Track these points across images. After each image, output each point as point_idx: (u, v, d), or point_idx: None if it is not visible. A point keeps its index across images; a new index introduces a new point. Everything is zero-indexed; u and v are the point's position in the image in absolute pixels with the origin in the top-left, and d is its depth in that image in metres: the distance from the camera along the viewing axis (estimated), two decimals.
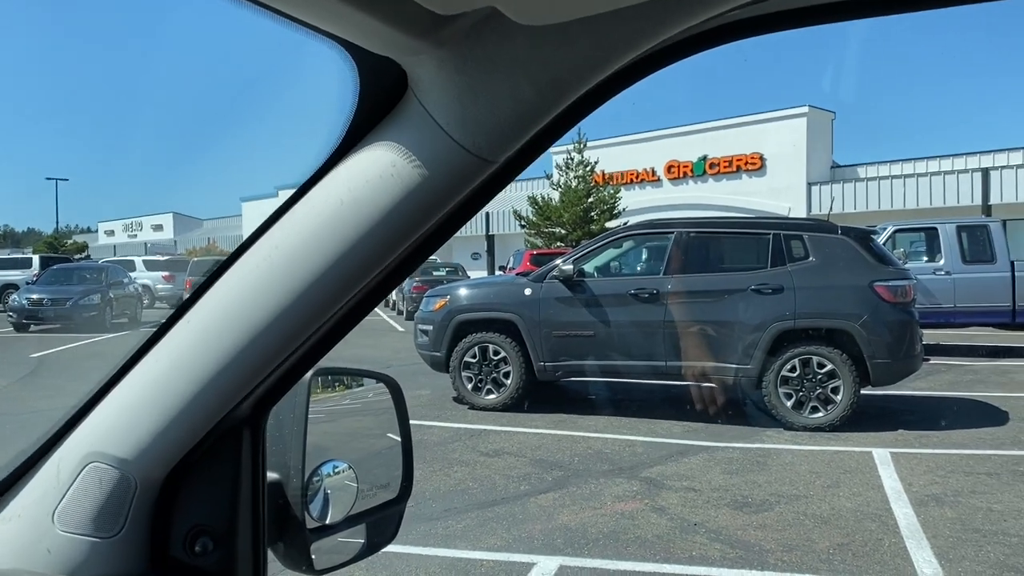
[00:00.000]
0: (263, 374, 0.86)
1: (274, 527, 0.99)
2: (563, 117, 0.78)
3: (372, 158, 0.77)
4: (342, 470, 1.10)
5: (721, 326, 7.59)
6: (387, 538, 1.16)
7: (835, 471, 6.08)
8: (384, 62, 0.73)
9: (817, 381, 7.35)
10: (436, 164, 0.75)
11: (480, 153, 0.75)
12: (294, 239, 0.80)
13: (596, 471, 6.13)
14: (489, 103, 0.73)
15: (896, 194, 31.21)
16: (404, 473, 1.16)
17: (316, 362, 0.93)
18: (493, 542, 4.62)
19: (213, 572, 0.91)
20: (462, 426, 7.68)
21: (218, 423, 0.89)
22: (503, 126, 0.74)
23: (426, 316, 8.76)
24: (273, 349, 0.84)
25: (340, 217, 0.78)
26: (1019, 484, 5.72)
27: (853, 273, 7.38)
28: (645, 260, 9.03)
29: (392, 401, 1.18)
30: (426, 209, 0.78)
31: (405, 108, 0.76)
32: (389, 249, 0.80)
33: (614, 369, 8.16)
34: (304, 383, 1.02)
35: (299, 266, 0.79)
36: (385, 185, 0.76)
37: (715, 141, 35.43)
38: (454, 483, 5.80)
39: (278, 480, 1.00)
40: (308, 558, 1.01)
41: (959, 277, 12.39)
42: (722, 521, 4.99)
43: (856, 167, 34.64)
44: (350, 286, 0.81)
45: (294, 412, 1.02)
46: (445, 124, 0.74)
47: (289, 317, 0.81)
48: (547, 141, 0.81)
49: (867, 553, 4.47)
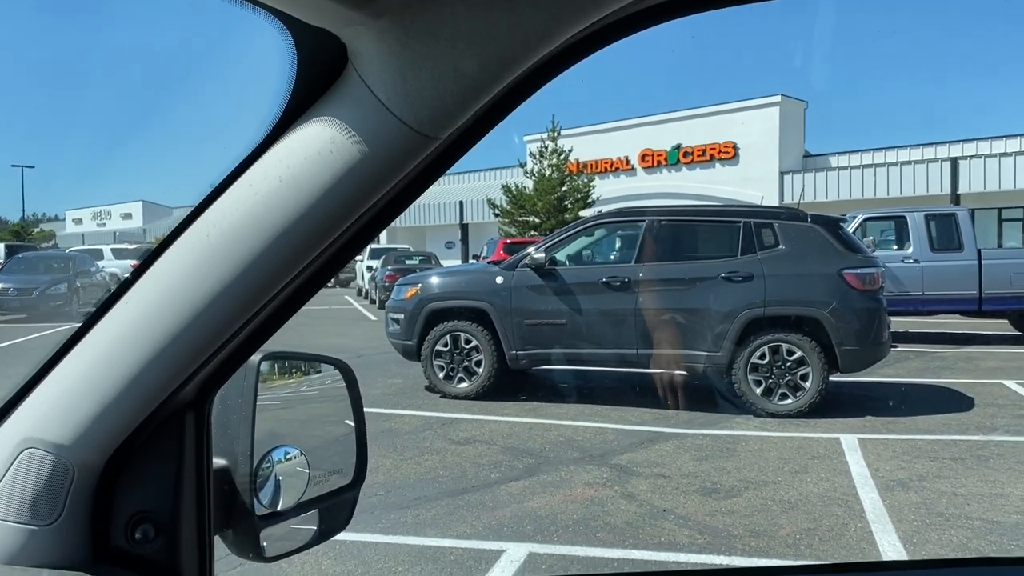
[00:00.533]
0: (204, 356, 0.84)
1: (222, 514, 0.97)
2: (510, 94, 0.76)
3: (311, 134, 0.74)
4: (293, 456, 1.08)
5: (691, 314, 7.63)
6: (340, 525, 1.15)
7: (803, 457, 6.14)
8: (322, 34, 0.71)
9: (786, 368, 7.41)
10: (377, 140, 0.73)
11: (423, 129, 0.72)
12: (232, 218, 0.77)
13: (567, 458, 6.14)
14: (432, 77, 0.70)
15: (867, 183, 31.56)
16: (358, 459, 1.14)
17: (261, 345, 0.91)
18: (463, 530, 4.61)
19: (156, 560, 0.89)
20: (434, 414, 7.66)
21: (159, 407, 0.86)
22: (446, 101, 0.71)
23: (397, 305, 8.72)
24: (213, 330, 0.81)
25: (278, 195, 0.75)
26: (983, 468, 5.81)
27: (822, 261, 7.45)
28: (616, 248, 9.05)
29: (345, 387, 1.16)
30: (368, 187, 0.75)
31: (345, 83, 0.74)
32: (330, 228, 0.77)
33: (586, 357, 8.18)
34: (252, 367, 1.00)
35: (237, 246, 0.77)
36: (324, 162, 0.74)
37: (689, 130, 35.59)
38: (425, 471, 5.79)
39: (226, 466, 0.98)
40: (257, 545, 0.99)
41: (927, 265, 12.54)
42: (691, 507, 5.02)
43: (828, 156, 34.98)
44: (291, 266, 0.79)
45: (242, 397, 1.00)
46: (386, 99, 0.71)
47: (229, 298, 0.79)
48: (494, 119, 0.79)
49: (833, 538, 4.52)
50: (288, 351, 1.16)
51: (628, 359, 7.98)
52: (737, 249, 7.67)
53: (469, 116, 0.74)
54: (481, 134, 0.80)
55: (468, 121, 0.76)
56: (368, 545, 4.37)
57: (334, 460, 1.15)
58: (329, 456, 1.16)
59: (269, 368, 1.21)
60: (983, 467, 5.85)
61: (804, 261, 7.47)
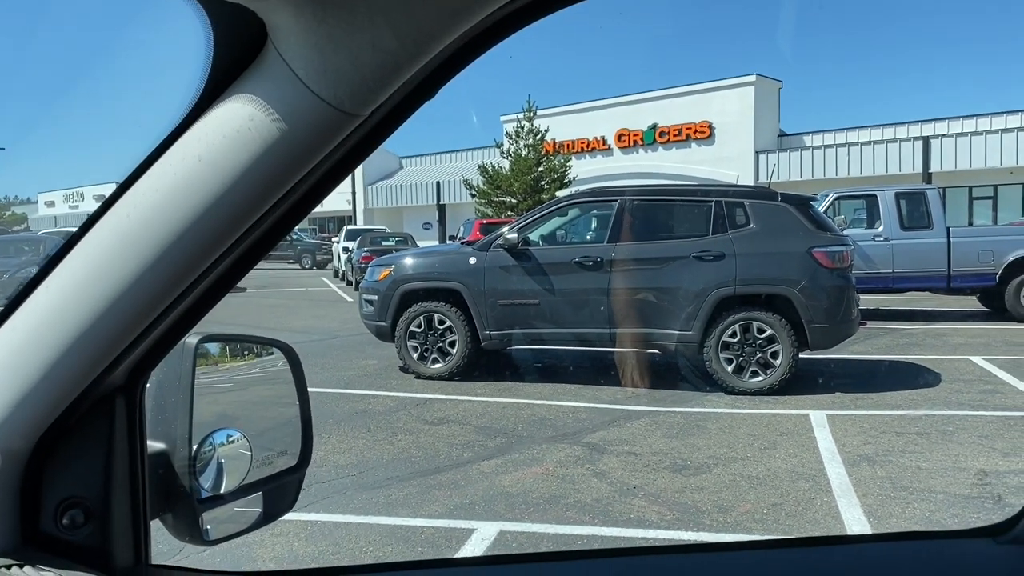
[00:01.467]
0: (130, 338, 0.83)
1: (161, 498, 0.97)
2: (436, 72, 0.76)
3: (229, 113, 0.74)
4: (236, 439, 1.08)
5: (664, 293, 7.67)
6: (285, 507, 1.15)
7: (772, 433, 6.21)
8: (239, 10, 0.70)
9: (757, 346, 7.48)
10: (296, 118, 0.72)
11: (343, 106, 0.72)
12: (152, 198, 0.77)
13: (539, 437, 6.18)
14: (350, 53, 0.70)
15: (841, 162, 31.80)
16: (303, 441, 1.14)
17: (193, 326, 0.91)
18: (434, 509, 4.64)
19: (87, 546, 0.88)
20: (407, 395, 7.67)
21: (87, 391, 0.86)
22: (366, 78, 0.71)
23: (371, 286, 8.69)
24: (138, 312, 0.81)
25: (198, 175, 0.75)
26: (947, 443, 5.91)
27: (792, 239, 7.50)
28: (589, 228, 9.06)
29: (289, 369, 1.16)
30: (289, 165, 0.75)
31: (264, 60, 0.73)
32: (254, 207, 0.77)
33: (559, 337, 8.21)
34: (189, 350, 1.00)
35: (158, 225, 0.77)
36: (243, 140, 0.73)
37: (665, 110, 35.63)
38: (397, 452, 5.80)
39: (164, 450, 0.98)
40: (197, 528, 0.99)
41: (897, 243, 12.67)
42: (661, 484, 5.08)
43: (802, 135, 35.16)
44: (216, 246, 0.79)
45: (180, 380, 1.00)
46: (304, 76, 0.71)
47: (152, 278, 0.78)
48: (420, 97, 0.79)
49: (799, 512, 4.59)
50: (228, 333, 1.16)
51: (601, 338, 8.02)
52: (708, 228, 7.72)
53: (392, 93, 0.74)
54: (407, 113, 0.80)
55: (395, 98, 0.75)
56: (340, 525, 4.39)
57: (278, 443, 1.15)
58: (273, 439, 1.16)
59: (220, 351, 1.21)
60: (948, 441, 5.95)
61: (774, 240, 7.53)
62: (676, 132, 35.39)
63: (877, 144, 31.81)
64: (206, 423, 1.03)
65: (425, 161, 50.19)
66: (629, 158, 36.72)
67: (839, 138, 33.84)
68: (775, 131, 35.28)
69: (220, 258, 0.81)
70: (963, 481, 5.09)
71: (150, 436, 0.97)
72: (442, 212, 41.79)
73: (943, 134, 30.68)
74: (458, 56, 0.76)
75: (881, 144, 31.68)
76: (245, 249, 0.83)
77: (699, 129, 34.77)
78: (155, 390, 0.99)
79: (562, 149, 34.89)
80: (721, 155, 33.75)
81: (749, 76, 33.85)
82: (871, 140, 32.48)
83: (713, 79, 34.73)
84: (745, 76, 33.96)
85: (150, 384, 0.97)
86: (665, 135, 35.81)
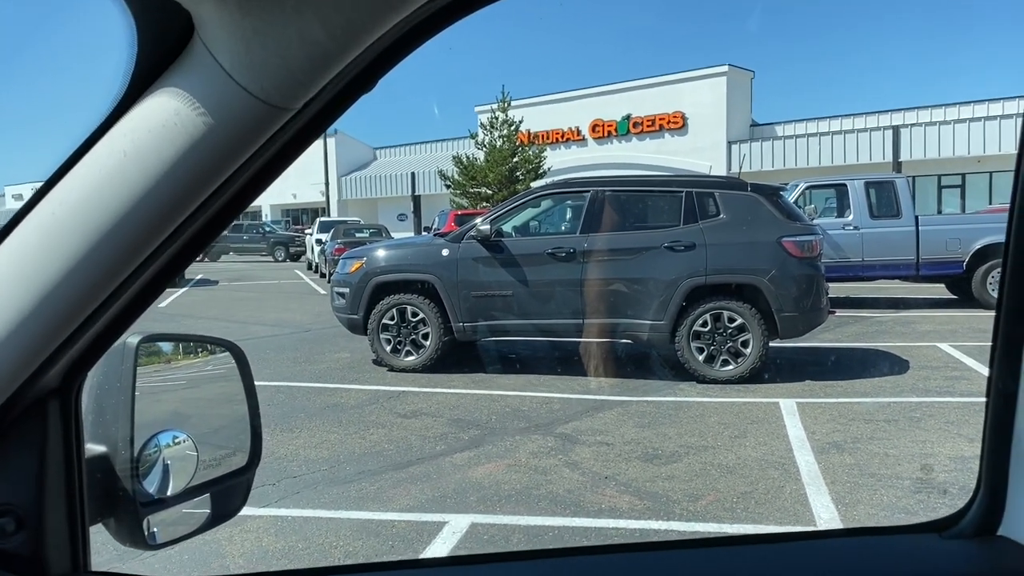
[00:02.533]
0: (60, 340, 0.81)
1: (102, 503, 0.95)
2: (371, 65, 0.75)
3: (155, 107, 0.72)
4: (182, 440, 1.06)
5: (636, 283, 7.70)
6: (235, 508, 1.13)
7: (743, 422, 6.26)
8: (165, 2, 0.68)
9: (728, 335, 7.53)
10: (222, 111, 0.71)
11: (271, 100, 0.70)
12: (78, 194, 0.74)
13: (512, 429, 6.19)
14: (277, 45, 0.68)
15: (812, 151, 32.08)
16: (252, 441, 1.12)
17: (129, 325, 0.88)
18: (406, 503, 4.63)
19: (19, 554, 0.86)
20: (380, 388, 7.64)
21: (16, 394, 0.83)
22: (295, 71, 0.69)
23: (342, 278, 8.64)
24: (67, 313, 0.79)
25: (123, 170, 0.73)
26: (915, 430, 5.99)
27: (762, 229, 7.55)
28: (562, 219, 9.07)
29: (237, 368, 1.14)
30: (217, 160, 0.73)
31: (191, 53, 0.71)
32: (184, 203, 0.75)
33: (533, 328, 8.21)
34: (130, 350, 0.98)
35: (85, 222, 0.74)
36: (169, 135, 0.71)
37: (638, 100, 35.74)
38: (369, 445, 5.78)
39: (105, 453, 0.96)
40: (140, 532, 0.97)
41: (867, 232, 12.79)
42: (632, 473, 5.10)
43: (774, 125, 35.42)
44: (147, 242, 0.77)
45: (120, 381, 0.97)
46: (231, 69, 0.69)
47: (81, 277, 0.76)
48: (357, 89, 0.77)
49: (769, 500, 4.63)
50: (171, 333, 1.13)
51: (574, 329, 8.03)
52: (679, 219, 7.75)
53: (324, 86, 0.72)
54: (346, 104, 0.78)
55: (328, 91, 0.74)
56: (310, 520, 4.37)
57: (227, 443, 1.13)
58: (222, 439, 1.14)
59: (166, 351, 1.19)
60: (915, 428, 6.03)
61: (744, 230, 7.57)
62: (650, 123, 35.52)
63: (848, 134, 32.13)
64: (150, 424, 1.01)
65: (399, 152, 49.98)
66: (603, 149, 36.81)
67: (810, 128, 34.14)
68: (747, 121, 35.53)
69: (154, 255, 0.78)
70: (922, 477, 5.15)
71: (89, 439, 0.95)
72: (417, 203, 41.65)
73: (913, 123, 31.04)
74: (395, 48, 0.74)
75: (852, 134, 32.00)
76: (181, 245, 0.81)
77: (672, 120, 34.92)
78: (95, 392, 0.96)
79: (537, 140, 34.92)
80: (694, 145, 33.92)
81: (721, 67, 34.03)
82: (842, 130, 32.80)
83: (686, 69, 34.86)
84: (718, 67, 34.14)
85: (89, 386, 0.94)
86: (639, 126, 35.93)
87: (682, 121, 34.72)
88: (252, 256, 35.21)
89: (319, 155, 39.91)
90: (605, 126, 36.99)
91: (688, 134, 34.63)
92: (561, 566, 1.09)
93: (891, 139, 30.03)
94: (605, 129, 37.01)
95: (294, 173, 44.53)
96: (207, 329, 11.43)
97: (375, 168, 48.70)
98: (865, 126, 32.42)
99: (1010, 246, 0.97)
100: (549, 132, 37.75)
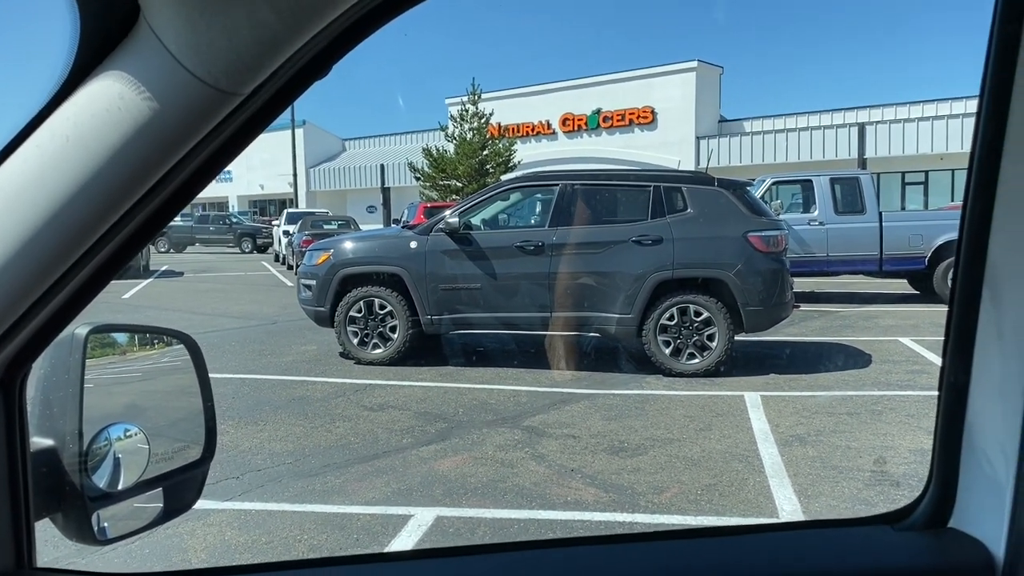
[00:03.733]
0: (2, 329, 0.78)
1: (49, 497, 0.92)
2: (325, 50, 0.73)
3: (99, 91, 0.70)
4: (133, 433, 1.04)
5: (604, 277, 7.72)
6: (188, 502, 1.11)
7: (708, 415, 6.32)
8: None
9: (694, 329, 7.59)
10: (168, 96, 0.69)
11: (218, 84, 0.69)
12: (18, 180, 0.72)
13: (480, 421, 6.18)
14: (225, 28, 0.66)
15: (779, 147, 32.40)
16: (207, 434, 1.10)
17: (74, 316, 0.86)
18: (371, 496, 4.61)
19: None
20: (347, 381, 7.60)
21: None
22: (243, 55, 0.68)
23: (309, 270, 8.57)
24: (9, 301, 0.76)
25: (65, 156, 0.71)
26: (876, 423, 6.08)
27: (728, 224, 7.61)
28: (531, 212, 9.07)
29: (191, 360, 1.12)
30: (163, 145, 0.71)
31: (136, 36, 0.69)
32: (129, 190, 0.73)
33: (501, 321, 8.21)
34: (78, 341, 0.95)
35: (26, 210, 0.72)
36: (112, 119, 0.69)
37: (609, 95, 35.85)
38: (335, 438, 5.74)
39: (52, 446, 0.93)
40: (89, 527, 0.95)
41: (832, 227, 12.95)
42: (598, 466, 5.12)
43: (742, 121, 35.69)
44: (91, 230, 0.75)
45: (68, 373, 0.95)
46: (177, 52, 0.67)
47: (21, 266, 0.74)
48: (310, 75, 0.76)
49: (733, 492, 4.67)
50: (121, 323, 1.11)
51: (542, 322, 8.05)
52: (647, 213, 7.78)
53: (275, 71, 0.71)
54: (299, 90, 0.77)
55: (280, 76, 0.72)
56: (274, 514, 4.33)
57: (181, 437, 1.11)
58: (175, 433, 1.12)
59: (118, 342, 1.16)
60: (877, 421, 6.12)
61: (711, 224, 7.62)
62: (619, 117, 35.65)
63: (815, 130, 32.49)
64: (101, 418, 0.99)
65: (369, 143, 49.64)
66: (573, 142, 36.88)
67: (778, 124, 34.47)
68: (716, 117, 35.78)
69: (99, 243, 0.76)
70: (891, 460, 5.24)
71: (35, 432, 0.92)
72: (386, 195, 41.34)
73: (878, 120, 31.47)
74: (350, 32, 0.73)
75: (818, 130, 32.37)
76: (129, 234, 0.79)
77: (642, 114, 35.08)
78: (41, 384, 0.94)
79: (507, 133, 34.84)
80: (663, 140, 34.11)
81: (691, 62, 34.23)
82: (809, 126, 33.16)
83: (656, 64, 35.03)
84: (687, 62, 34.33)
85: (35, 377, 0.92)
86: (609, 120, 36.04)
87: (651, 116, 34.89)
88: (218, 247, 34.82)
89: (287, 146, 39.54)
90: (575, 120, 37.05)
91: (657, 129, 34.81)
92: (526, 559, 1.09)
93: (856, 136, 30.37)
94: (575, 123, 37.06)
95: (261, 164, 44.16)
96: (171, 321, 11.28)
97: (344, 159, 48.33)
98: (831, 123, 32.80)
99: (962, 240, 0.98)
100: (519, 125, 37.72)
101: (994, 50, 0.90)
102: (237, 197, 49.21)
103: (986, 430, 0.98)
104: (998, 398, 0.96)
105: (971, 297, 0.97)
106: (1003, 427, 0.95)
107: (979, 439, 0.99)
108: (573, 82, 37.20)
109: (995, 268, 0.95)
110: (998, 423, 0.96)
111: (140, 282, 18.30)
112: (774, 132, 33.44)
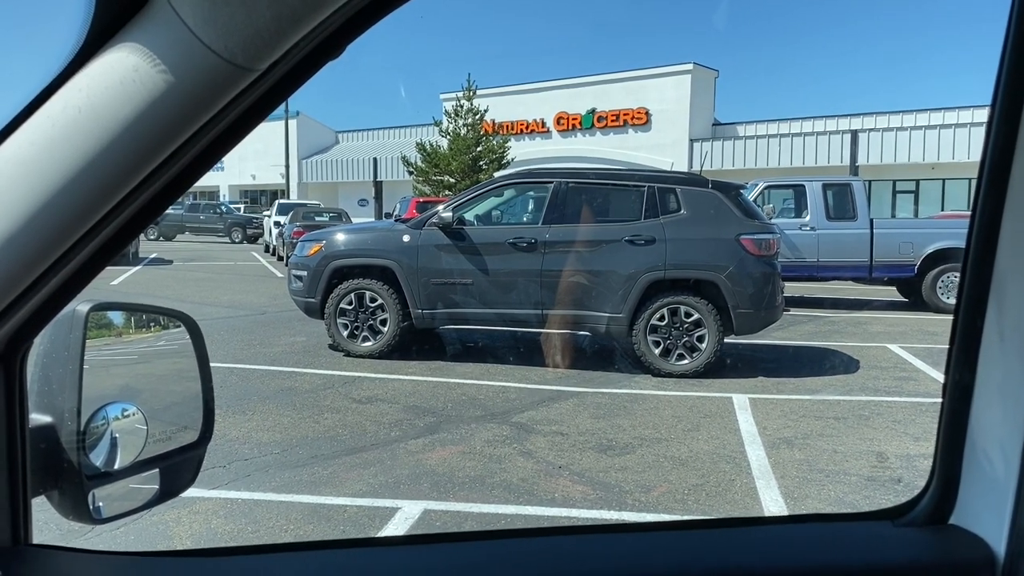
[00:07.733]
0: (5, 303, 0.77)
1: (46, 474, 0.92)
2: (341, 29, 0.73)
3: (113, 62, 0.69)
4: (131, 413, 1.03)
5: (596, 276, 7.73)
6: (184, 484, 1.10)
7: (696, 415, 6.33)
8: None
9: (684, 330, 7.61)
10: (183, 70, 0.68)
11: (235, 59, 0.68)
12: (29, 151, 0.71)
13: (468, 417, 6.18)
14: (244, 3, 0.66)
15: (772, 152, 32.48)
16: (204, 416, 1.10)
17: (77, 292, 0.85)
18: (359, 488, 4.60)
19: None
20: (336, 373, 7.58)
21: None
22: (261, 30, 0.67)
23: (300, 261, 8.54)
24: (12, 275, 0.75)
25: (78, 127, 0.70)
26: (863, 427, 6.11)
27: (721, 226, 7.62)
28: (524, 209, 9.07)
29: (190, 341, 1.11)
30: (177, 120, 0.71)
31: (152, 7, 0.68)
32: (140, 164, 0.72)
33: (491, 317, 8.20)
34: (79, 318, 0.94)
35: (35, 181, 0.71)
36: (127, 91, 0.69)
37: (604, 95, 35.86)
38: (323, 430, 5.73)
39: (51, 423, 0.92)
40: (85, 506, 0.94)
41: (823, 233, 13.00)
42: (586, 464, 5.13)
43: (736, 125, 35.78)
44: (99, 205, 0.74)
45: (68, 350, 0.94)
46: (193, 25, 0.67)
47: (28, 239, 0.73)
48: (324, 55, 0.75)
49: (720, 493, 4.69)
50: (122, 302, 1.10)
51: (533, 319, 8.05)
52: (641, 213, 7.79)
53: (291, 48, 0.70)
54: (312, 70, 0.76)
55: (294, 54, 0.71)
56: (260, 503, 4.32)
57: (179, 418, 1.11)
58: (173, 414, 1.12)
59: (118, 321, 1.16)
60: (863, 426, 6.15)
61: (704, 226, 7.64)
62: (614, 117, 35.67)
63: (808, 136, 32.60)
64: (99, 396, 0.98)
65: (362, 136, 49.52)
66: (567, 141, 36.88)
67: (771, 129, 34.57)
68: (710, 120, 35.85)
69: (106, 218, 0.75)
70: (877, 464, 5.27)
71: (34, 408, 0.91)
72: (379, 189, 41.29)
73: (871, 128, 31.60)
74: (366, 13, 0.72)
75: (812, 136, 32.47)
76: (136, 210, 0.78)
77: (636, 115, 35.10)
78: (41, 360, 0.93)
79: (501, 130, 34.85)
80: (657, 142, 34.15)
81: (686, 64, 34.27)
82: (802, 132, 33.27)
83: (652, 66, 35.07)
84: (682, 64, 34.36)
85: (36, 353, 0.91)
86: (603, 120, 36.05)
87: (646, 117, 34.92)
88: (208, 236, 34.69)
89: (280, 136, 39.40)
90: (570, 119, 37.04)
91: (651, 130, 34.84)
92: (513, 547, 1.09)
93: (849, 143, 30.54)
94: (569, 122, 37.05)
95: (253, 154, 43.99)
96: None
97: (337, 152, 48.19)
98: (825, 129, 32.92)
99: (972, 241, 0.98)
100: (514, 123, 37.70)
101: (1008, 55, 0.91)
102: (229, 186, 49.02)
103: (989, 428, 0.99)
104: (1001, 397, 0.96)
105: (978, 298, 0.98)
106: (1006, 426, 0.96)
107: (982, 437, 0.99)
108: (568, 81, 37.18)
109: (1002, 271, 0.96)
110: (1001, 422, 0.97)
111: (129, 269, 18.20)
112: (767, 137, 33.53)
